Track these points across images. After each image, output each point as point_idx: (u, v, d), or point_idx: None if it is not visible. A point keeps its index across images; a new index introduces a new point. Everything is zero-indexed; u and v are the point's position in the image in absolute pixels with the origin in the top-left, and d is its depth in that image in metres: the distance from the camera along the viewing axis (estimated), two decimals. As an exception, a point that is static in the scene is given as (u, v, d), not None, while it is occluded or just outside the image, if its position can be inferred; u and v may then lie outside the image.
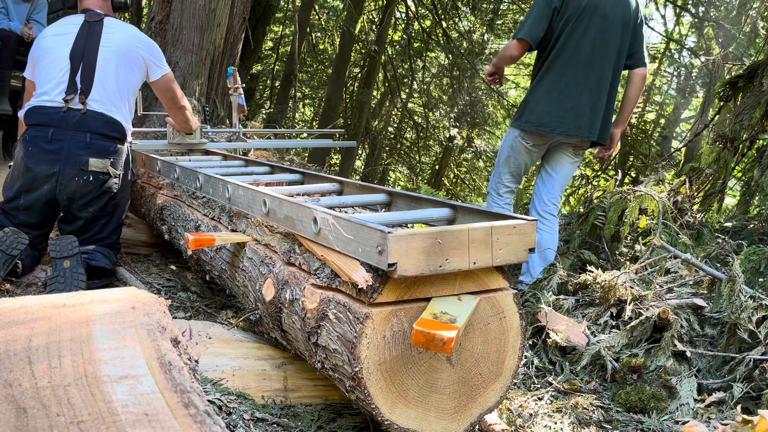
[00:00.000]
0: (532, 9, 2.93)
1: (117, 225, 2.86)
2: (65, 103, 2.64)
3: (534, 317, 2.61)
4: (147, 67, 2.87)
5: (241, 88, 4.05)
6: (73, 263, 2.46)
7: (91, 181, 2.64)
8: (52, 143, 2.60)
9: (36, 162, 2.59)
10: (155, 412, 0.97)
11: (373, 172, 13.77)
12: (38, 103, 2.68)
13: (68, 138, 2.61)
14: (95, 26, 2.77)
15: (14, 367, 1.09)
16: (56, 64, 2.71)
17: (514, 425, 1.91)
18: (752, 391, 2.10)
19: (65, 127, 2.61)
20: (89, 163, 2.62)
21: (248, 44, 7.81)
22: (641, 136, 11.51)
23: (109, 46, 2.75)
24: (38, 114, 2.66)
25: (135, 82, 2.85)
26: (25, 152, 2.62)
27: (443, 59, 13.15)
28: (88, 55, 2.71)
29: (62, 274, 2.42)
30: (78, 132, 2.62)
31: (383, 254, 1.36)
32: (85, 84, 2.68)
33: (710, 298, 2.65)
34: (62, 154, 2.59)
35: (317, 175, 2.59)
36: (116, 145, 2.72)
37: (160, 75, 2.92)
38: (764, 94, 3.90)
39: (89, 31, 2.76)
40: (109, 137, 2.69)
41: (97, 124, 2.65)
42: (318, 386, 1.93)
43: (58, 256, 2.46)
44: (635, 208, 3.38)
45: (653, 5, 11.51)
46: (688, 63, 11.71)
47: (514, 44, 2.92)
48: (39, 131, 2.62)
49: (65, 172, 2.59)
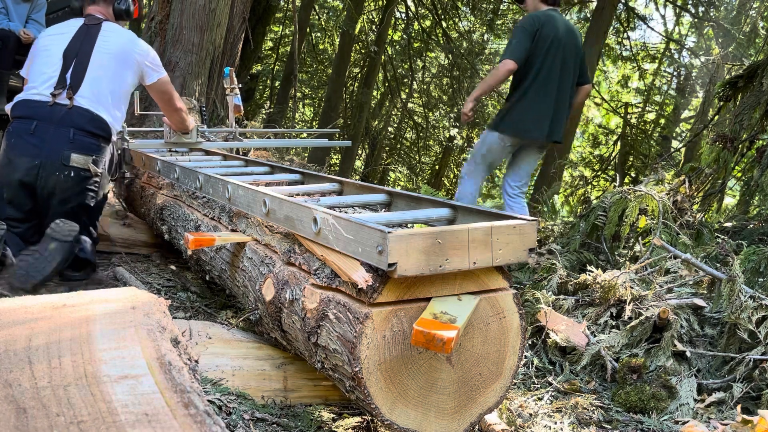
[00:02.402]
0: (513, 38, 3.56)
1: (92, 223, 2.85)
2: (52, 98, 2.62)
3: (534, 317, 2.61)
4: (142, 70, 2.88)
5: (238, 88, 4.05)
6: (57, 248, 2.43)
7: (72, 176, 2.61)
8: (35, 136, 2.57)
9: (17, 154, 2.58)
10: (155, 412, 0.97)
11: (373, 172, 13.77)
12: (25, 96, 2.68)
13: (51, 131, 2.58)
14: (93, 29, 2.80)
15: (14, 367, 1.09)
16: (49, 60, 2.72)
17: (514, 425, 1.91)
18: (752, 391, 2.10)
19: (49, 121, 2.59)
20: (71, 158, 2.59)
21: (248, 44, 7.81)
22: (641, 136, 11.51)
23: (104, 48, 2.76)
24: (24, 107, 2.65)
25: (128, 85, 2.86)
26: (8, 144, 2.61)
27: (443, 59, 13.15)
28: (82, 54, 2.72)
29: (41, 252, 2.40)
30: (62, 127, 2.60)
31: (383, 254, 1.36)
32: (75, 80, 2.67)
33: (710, 298, 2.65)
34: (44, 147, 2.57)
35: (317, 175, 2.59)
36: (100, 143, 2.70)
37: (156, 78, 2.93)
38: (764, 94, 3.90)
39: (86, 33, 2.78)
40: (93, 134, 2.67)
41: (82, 120, 2.64)
42: (318, 386, 1.93)
43: (51, 236, 2.44)
44: (635, 208, 3.39)
45: (653, 5, 11.52)
46: (688, 63, 11.72)
47: (505, 65, 3.50)
48: (23, 123, 2.61)
49: (46, 166, 2.57)
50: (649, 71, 12.40)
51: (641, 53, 12.05)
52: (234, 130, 4.02)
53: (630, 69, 12.56)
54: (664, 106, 12.57)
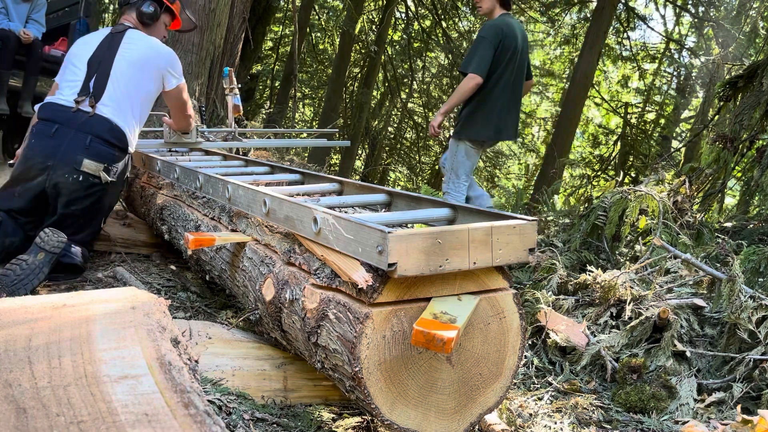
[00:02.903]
0: (477, 49, 3.69)
1: (95, 230, 2.89)
2: (76, 104, 2.73)
3: (534, 317, 2.61)
4: (163, 77, 2.95)
5: (237, 88, 4.06)
6: (46, 259, 2.48)
7: (80, 180, 2.68)
8: (54, 139, 2.67)
9: (34, 154, 2.68)
10: (155, 412, 0.97)
11: (373, 172, 13.77)
12: (52, 100, 2.80)
13: (70, 136, 2.67)
14: (117, 37, 2.89)
15: (14, 367, 1.09)
16: (76, 67, 2.84)
17: (514, 425, 1.91)
18: (752, 391, 2.10)
19: (70, 126, 2.69)
20: (83, 163, 2.66)
21: (248, 44, 7.81)
22: (641, 136, 11.51)
23: (125, 56, 2.84)
24: (49, 109, 2.76)
25: (149, 92, 2.93)
26: (28, 143, 2.74)
27: (443, 59, 13.14)
28: (104, 63, 2.81)
29: (28, 263, 2.44)
30: (81, 132, 2.68)
31: (383, 254, 1.36)
32: (97, 89, 2.77)
33: (710, 298, 2.65)
34: (59, 150, 2.65)
35: (317, 175, 2.59)
36: (115, 152, 2.77)
37: (174, 85, 3.00)
38: (764, 94, 3.90)
39: (111, 41, 2.88)
40: (109, 143, 2.74)
41: (101, 128, 2.72)
42: (318, 386, 1.93)
43: (40, 246, 2.48)
44: (635, 208, 3.39)
45: (653, 5, 11.52)
46: (688, 63, 11.71)
47: (472, 80, 3.67)
48: (45, 125, 2.71)
49: (57, 167, 2.65)
50: (649, 71, 12.40)
51: (641, 53, 12.05)
52: (233, 130, 4.02)
53: (630, 69, 12.56)
54: (664, 106, 12.56)
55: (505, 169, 15.18)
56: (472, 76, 3.67)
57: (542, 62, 14.59)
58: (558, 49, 13.32)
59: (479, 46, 3.70)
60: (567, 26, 12.25)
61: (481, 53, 3.67)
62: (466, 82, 3.70)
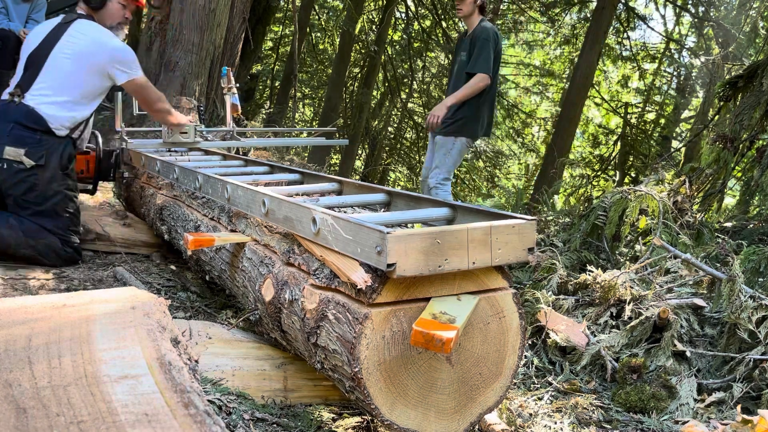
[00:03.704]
0: (483, 50, 3.89)
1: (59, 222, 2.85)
2: (10, 97, 2.82)
3: (534, 317, 2.61)
4: (108, 72, 2.92)
5: (236, 87, 4.05)
6: None
7: (5, 168, 2.74)
8: None
9: None
10: (155, 412, 0.97)
11: (373, 172, 13.77)
12: None
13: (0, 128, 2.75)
14: (63, 28, 2.89)
15: (14, 367, 1.09)
16: (20, 62, 2.92)
17: (514, 425, 1.91)
18: (752, 391, 2.10)
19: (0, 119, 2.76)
20: (4, 151, 2.73)
21: (248, 44, 7.81)
22: (641, 136, 11.51)
23: (65, 49, 2.85)
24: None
25: (93, 86, 2.93)
26: None
27: (443, 59, 13.14)
28: (41, 56, 2.85)
29: None
30: (3, 122, 2.76)
31: (382, 254, 1.36)
32: (28, 82, 2.83)
33: (710, 298, 2.65)
34: None
35: (317, 175, 2.59)
36: (36, 135, 2.79)
37: (126, 79, 2.96)
38: (764, 94, 3.90)
39: (57, 32, 2.88)
40: (27, 127, 2.77)
41: (18, 114, 2.77)
42: (318, 386, 1.93)
43: None
44: (636, 208, 3.39)
45: (653, 5, 11.52)
46: (688, 63, 11.71)
47: (484, 80, 3.87)
48: None
49: None
50: (649, 71, 12.40)
51: (641, 53, 12.05)
52: (231, 130, 4.02)
53: (630, 69, 12.55)
54: (664, 106, 12.56)
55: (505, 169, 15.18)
56: (483, 76, 3.85)
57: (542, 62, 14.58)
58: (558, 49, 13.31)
59: (485, 48, 3.88)
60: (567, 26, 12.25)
61: (486, 55, 3.87)
62: (477, 81, 3.86)
